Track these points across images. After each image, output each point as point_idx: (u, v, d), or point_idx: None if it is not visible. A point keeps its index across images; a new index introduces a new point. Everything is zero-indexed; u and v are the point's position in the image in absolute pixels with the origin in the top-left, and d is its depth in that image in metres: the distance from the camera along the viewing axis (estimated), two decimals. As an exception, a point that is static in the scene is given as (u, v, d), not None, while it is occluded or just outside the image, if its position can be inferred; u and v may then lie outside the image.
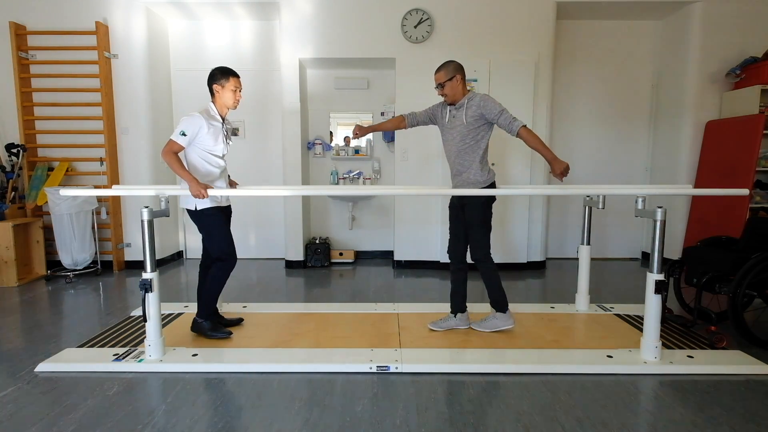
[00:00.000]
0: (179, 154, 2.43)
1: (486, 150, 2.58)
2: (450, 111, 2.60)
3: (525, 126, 2.41)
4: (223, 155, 2.59)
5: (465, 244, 2.73)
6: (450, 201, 2.78)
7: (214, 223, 2.53)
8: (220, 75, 2.47)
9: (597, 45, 4.68)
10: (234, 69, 2.52)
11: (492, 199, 2.61)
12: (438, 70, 2.55)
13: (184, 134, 2.37)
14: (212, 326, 2.63)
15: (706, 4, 4.17)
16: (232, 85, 2.48)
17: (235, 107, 2.54)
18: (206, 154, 2.49)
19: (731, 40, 4.23)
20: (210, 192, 2.39)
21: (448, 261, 4.35)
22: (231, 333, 2.63)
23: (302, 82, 4.51)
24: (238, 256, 2.71)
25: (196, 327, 2.65)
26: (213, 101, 2.52)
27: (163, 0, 4.15)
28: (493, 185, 2.60)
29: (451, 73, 2.51)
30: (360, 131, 2.74)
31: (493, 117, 2.45)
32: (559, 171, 2.36)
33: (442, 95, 2.57)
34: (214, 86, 2.48)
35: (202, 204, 2.48)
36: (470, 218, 2.61)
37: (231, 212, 2.76)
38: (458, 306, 2.74)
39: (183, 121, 2.40)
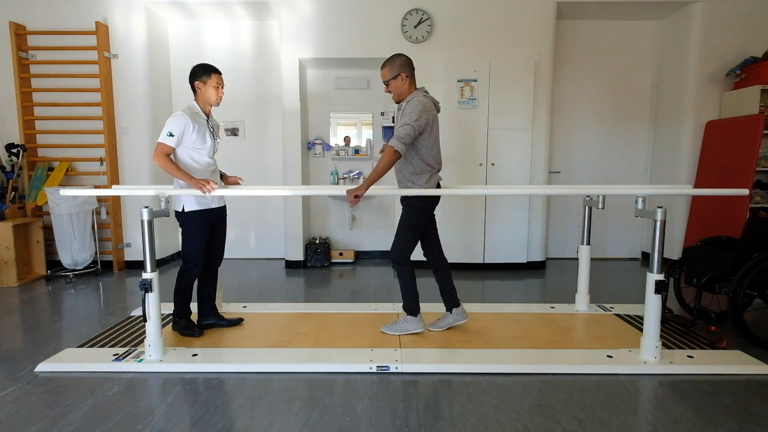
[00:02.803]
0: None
1: (427, 158, 2.48)
2: (396, 111, 2.53)
3: (394, 148, 2.30)
4: (213, 154, 2.58)
5: (435, 243, 2.73)
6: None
7: (195, 227, 2.52)
8: (202, 72, 2.46)
9: (597, 45, 4.68)
10: (217, 66, 2.52)
11: (428, 207, 2.55)
12: (383, 65, 2.42)
13: (171, 135, 2.37)
14: (185, 325, 2.66)
15: (706, 4, 4.17)
16: (214, 81, 2.47)
17: (218, 104, 2.54)
18: (195, 154, 2.47)
19: (731, 40, 4.23)
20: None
21: (448, 261, 4.38)
22: (202, 333, 2.65)
23: (302, 82, 4.51)
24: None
25: (174, 325, 2.69)
26: (195, 99, 2.51)
27: (163, 0, 4.15)
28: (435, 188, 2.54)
29: (396, 70, 2.40)
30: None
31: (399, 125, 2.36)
32: (350, 191, 2.31)
33: (388, 92, 2.49)
34: (196, 83, 2.47)
35: (189, 206, 2.48)
36: (401, 220, 2.57)
37: (225, 212, 2.73)
38: (451, 302, 2.72)
39: (168, 122, 2.39)
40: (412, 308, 2.64)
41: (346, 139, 4.76)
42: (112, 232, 4.35)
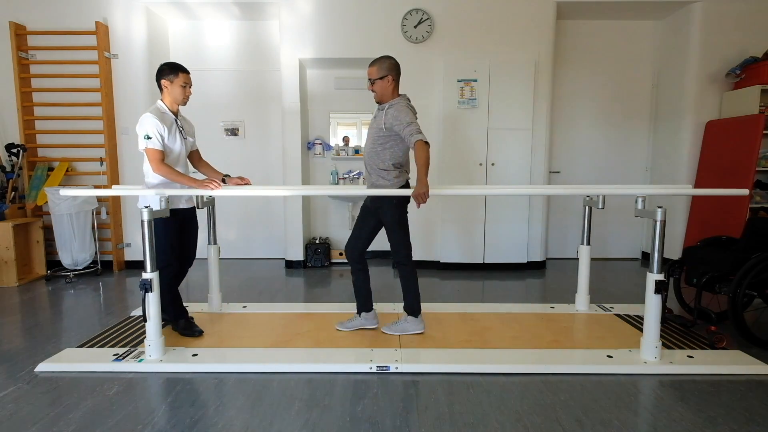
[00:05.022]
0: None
1: (397, 160, 2.51)
2: (376, 110, 2.57)
3: (421, 141, 2.33)
4: (184, 153, 2.57)
5: (364, 244, 2.67)
6: (363, 201, 2.72)
7: (162, 227, 2.49)
8: (169, 70, 2.44)
9: (597, 45, 4.68)
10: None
11: (404, 200, 2.58)
12: (372, 63, 2.46)
13: (148, 137, 2.35)
14: (185, 325, 2.66)
15: (706, 4, 4.17)
16: (181, 80, 2.45)
17: (185, 103, 2.52)
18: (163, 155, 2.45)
19: (731, 40, 4.22)
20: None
21: (449, 261, 4.41)
22: (202, 332, 2.65)
23: (302, 82, 4.51)
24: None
25: (174, 325, 2.69)
26: (162, 98, 2.49)
27: (163, 0, 4.15)
28: (405, 187, 2.55)
29: (384, 72, 2.43)
30: None
31: (400, 129, 2.39)
32: (418, 192, 2.33)
33: (371, 90, 2.50)
34: (163, 81, 2.44)
35: (156, 206, 2.44)
36: (385, 222, 2.59)
37: (194, 214, 2.72)
38: (362, 305, 2.72)
39: (138, 128, 2.37)
40: (413, 309, 2.65)
41: (345, 139, 4.76)
42: (112, 232, 4.35)
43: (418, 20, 4.20)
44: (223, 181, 2.69)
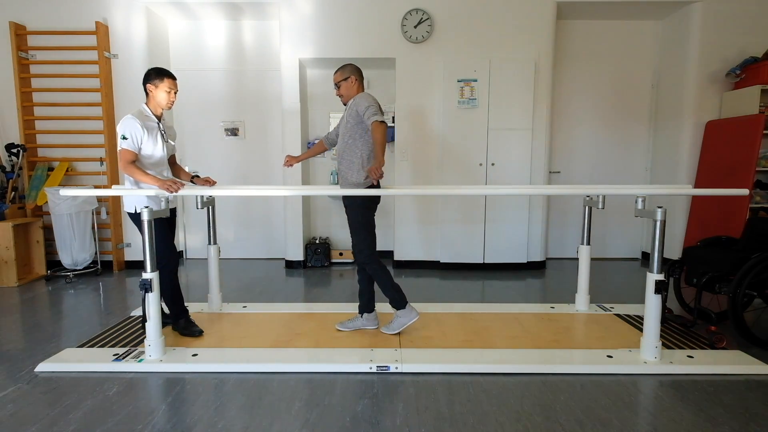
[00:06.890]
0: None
1: (369, 152, 2.55)
2: (344, 112, 2.65)
3: (377, 121, 2.42)
4: (166, 157, 2.58)
5: None
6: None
7: (158, 225, 2.51)
8: (155, 75, 2.46)
9: (597, 45, 4.68)
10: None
11: (370, 201, 2.59)
12: (336, 71, 2.63)
13: (124, 138, 2.36)
14: (185, 324, 2.67)
15: (706, 4, 4.17)
16: (166, 86, 2.47)
17: (169, 107, 2.54)
18: (143, 159, 2.46)
19: (731, 40, 4.23)
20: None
21: (449, 261, 4.41)
22: (202, 332, 2.66)
23: (302, 82, 4.51)
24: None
25: (174, 325, 2.70)
26: (147, 102, 2.51)
27: (163, 0, 4.15)
28: (374, 187, 2.58)
29: (347, 74, 2.58)
30: (291, 160, 2.88)
31: (362, 112, 2.48)
32: (371, 167, 2.41)
33: (338, 95, 2.65)
34: (148, 86, 2.47)
35: (141, 206, 2.46)
36: (350, 221, 2.62)
37: (175, 214, 2.74)
38: (364, 306, 2.73)
39: (118, 128, 2.39)
40: (398, 302, 2.64)
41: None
42: (112, 232, 4.35)
43: (418, 20, 4.20)
44: (192, 181, 2.75)
